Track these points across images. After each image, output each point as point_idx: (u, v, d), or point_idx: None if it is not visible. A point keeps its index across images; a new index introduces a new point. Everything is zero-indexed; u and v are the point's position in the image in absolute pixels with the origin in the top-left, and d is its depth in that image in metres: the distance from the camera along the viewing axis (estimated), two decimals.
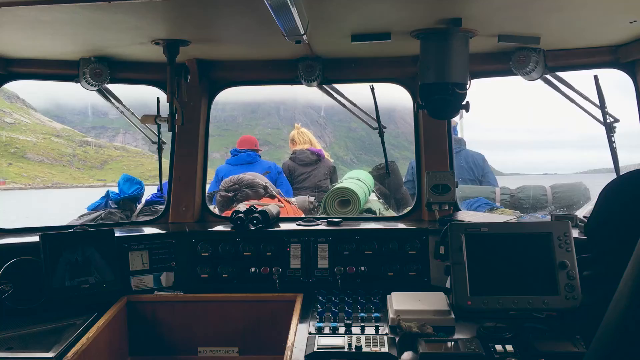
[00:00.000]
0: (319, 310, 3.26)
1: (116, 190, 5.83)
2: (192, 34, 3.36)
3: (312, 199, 5.85)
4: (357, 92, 4.57)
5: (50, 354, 2.83)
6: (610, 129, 3.91)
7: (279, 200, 5.32)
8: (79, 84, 3.90)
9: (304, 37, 2.97)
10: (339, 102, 4.37)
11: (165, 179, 4.71)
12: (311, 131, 7.31)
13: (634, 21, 3.03)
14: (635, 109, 3.60)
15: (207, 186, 4.54)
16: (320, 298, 3.46)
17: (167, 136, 4.50)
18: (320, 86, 4.15)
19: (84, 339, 3.00)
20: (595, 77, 3.85)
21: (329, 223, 3.99)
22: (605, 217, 1.71)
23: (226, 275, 3.78)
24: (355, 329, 2.98)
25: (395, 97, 4.39)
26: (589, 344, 1.37)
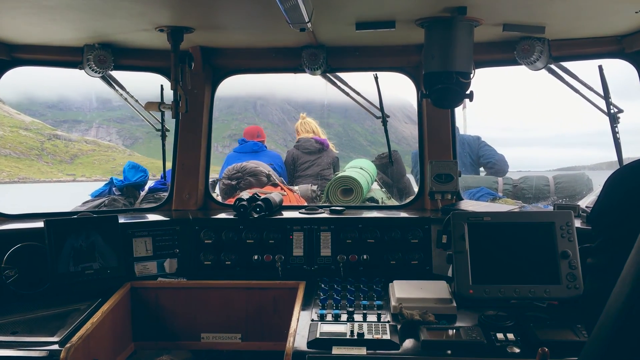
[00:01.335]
0: (322, 297, 3.28)
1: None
2: (196, 21, 3.36)
3: (314, 187, 5.86)
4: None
5: (54, 339, 2.86)
6: (614, 120, 3.91)
7: (282, 189, 5.34)
8: (82, 70, 3.91)
9: (308, 24, 2.96)
10: (343, 90, 4.36)
11: (168, 167, 4.71)
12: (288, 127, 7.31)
13: (639, 11, 3.02)
14: None
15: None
16: (322, 286, 3.48)
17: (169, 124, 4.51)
18: (323, 75, 4.15)
19: (88, 324, 3.02)
20: (600, 67, 3.85)
21: (332, 211, 4.01)
22: (610, 205, 1.71)
23: (229, 263, 3.80)
24: (358, 317, 2.99)
25: (373, 93, 4.38)
26: (591, 331, 1.38)
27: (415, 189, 5.97)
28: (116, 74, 4.25)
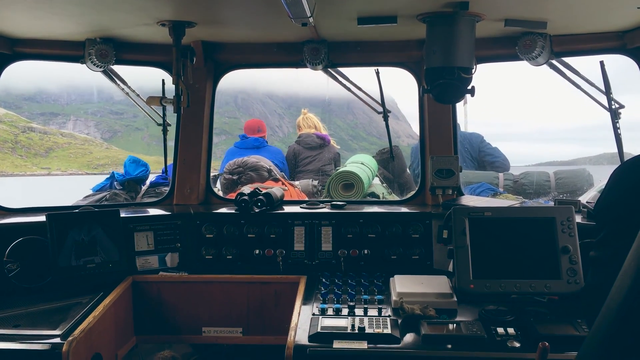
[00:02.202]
0: (323, 292, 3.29)
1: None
2: (198, 16, 3.36)
3: (315, 182, 5.86)
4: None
5: (57, 332, 2.87)
6: (615, 115, 3.91)
7: (283, 184, 5.34)
8: (84, 65, 3.90)
9: (310, 19, 2.96)
10: (344, 85, 4.37)
11: (170, 161, 4.71)
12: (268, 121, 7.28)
13: None
14: None
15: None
16: (323, 280, 3.49)
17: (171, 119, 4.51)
18: (325, 70, 4.15)
19: (90, 318, 3.04)
20: (601, 63, 3.84)
21: (333, 206, 4.01)
22: (614, 198, 1.71)
23: (230, 257, 3.81)
24: (359, 311, 3.01)
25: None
26: (592, 325, 1.39)
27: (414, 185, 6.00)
28: (118, 69, 4.25)
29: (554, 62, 3.81)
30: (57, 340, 2.80)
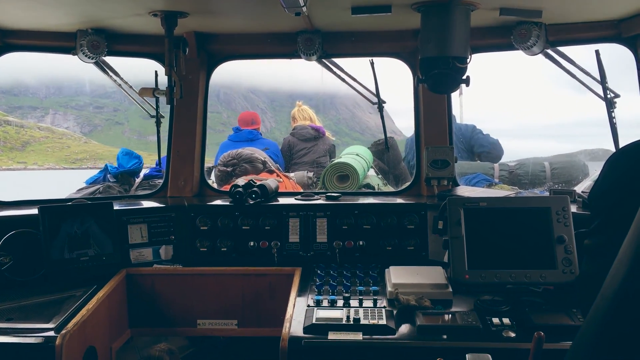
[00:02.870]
0: (318, 283, 3.28)
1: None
2: (190, 6, 3.32)
3: (310, 174, 5.85)
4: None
5: (50, 325, 2.86)
6: (610, 105, 3.90)
7: (278, 175, 5.32)
8: (76, 56, 3.87)
9: (304, 9, 2.93)
10: (339, 76, 4.34)
11: (163, 153, 4.69)
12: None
13: None
14: (636, 83, 3.58)
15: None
16: (318, 272, 3.48)
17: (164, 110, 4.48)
18: (319, 60, 4.12)
19: (83, 311, 3.02)
20: (597, 52, 3.83)
21: (328, 198, 4.00)
22: (608, 186, 1.70)
23: (225, 249, 3.79)
24: (354, 302, 3.00)
25: (335, 83, 4.37)
26: (587, 314, 1.38)
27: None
28: (110, 60, 4.22)
29: (549, 51, 3.79)
30: (51, 333, 2.79)
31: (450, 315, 2.77)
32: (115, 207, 3.69)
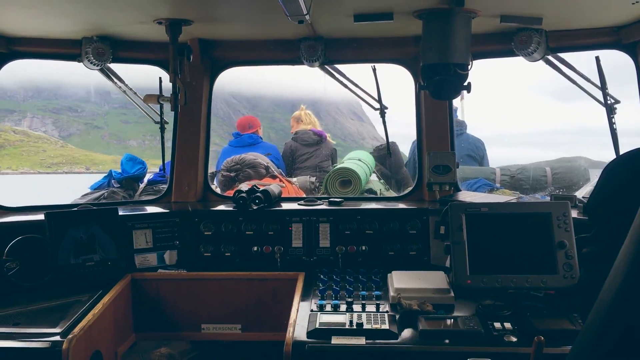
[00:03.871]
0: (321, 288, 3.30)
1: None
2: (194, 14, 3.36)
3: (313, 179, 5.87)
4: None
5: (56, 330, 2.88)
6: (610, 111, 3.92)
7: (281, 180, 5.36)
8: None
9: (307, 17, 2.97)
10: (340, 82, 4.37)
11: (167, 159, 4.73)
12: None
13: (636, 2, 3.03)
14: (636, 90, 3.61)
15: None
16: (321, 277, 3.50)
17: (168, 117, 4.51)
18: (321, 66, 4.15)
19: (89, 315, 3.05)
20: (597, 58, 3.85)
21: (331, 203, 4.03)
22: (606, 194, 1.73)
23: (229, 254, 3.82)
24: (357, 307, 3.02)
25: (317, 90, 4.40)
26: (586, 319, 1.40)
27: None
28: (115, 67, 4.25)
29: (550, 57, 3.82)
30: (57, 338, 2.81)
31: (452, 320, 2.80)
32: (120, 213, 3.72)
